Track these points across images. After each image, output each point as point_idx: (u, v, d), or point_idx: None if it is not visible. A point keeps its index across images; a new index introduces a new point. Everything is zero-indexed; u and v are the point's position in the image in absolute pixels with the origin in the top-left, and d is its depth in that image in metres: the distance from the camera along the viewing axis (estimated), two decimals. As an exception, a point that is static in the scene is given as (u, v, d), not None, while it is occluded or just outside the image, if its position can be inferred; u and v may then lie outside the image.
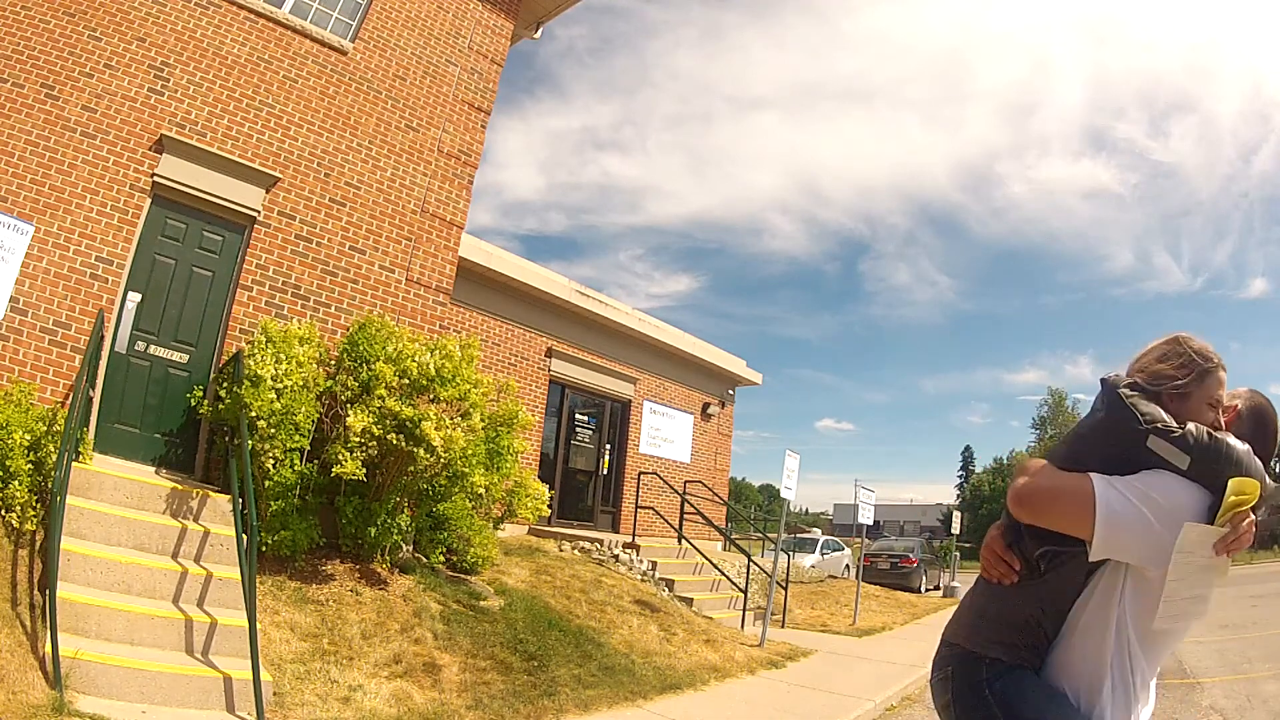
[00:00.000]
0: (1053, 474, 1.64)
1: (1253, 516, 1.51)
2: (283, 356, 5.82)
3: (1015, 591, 1.70)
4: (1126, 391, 1.66)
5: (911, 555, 19.88)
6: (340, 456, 5.66)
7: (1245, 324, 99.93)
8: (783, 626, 10.32)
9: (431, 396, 6.23)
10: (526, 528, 10.53)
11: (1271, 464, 1.72)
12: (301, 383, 5.85)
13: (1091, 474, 1.57)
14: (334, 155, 7.30)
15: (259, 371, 5.65)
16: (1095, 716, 1.58)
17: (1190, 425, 1.59)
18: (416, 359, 6.12)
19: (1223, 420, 1.71)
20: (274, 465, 5.70)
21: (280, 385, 5.67)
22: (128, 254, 6.12)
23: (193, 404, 6.27)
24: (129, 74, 6.30)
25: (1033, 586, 1.67)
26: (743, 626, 9.41)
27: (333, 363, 6.53)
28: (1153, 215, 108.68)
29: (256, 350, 5.87)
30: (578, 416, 12.92)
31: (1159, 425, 1.58)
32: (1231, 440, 1.60)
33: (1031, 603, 1.67)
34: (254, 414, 5.51)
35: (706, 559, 10.76)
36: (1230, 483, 1.50)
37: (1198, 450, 1.55)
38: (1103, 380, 1.73)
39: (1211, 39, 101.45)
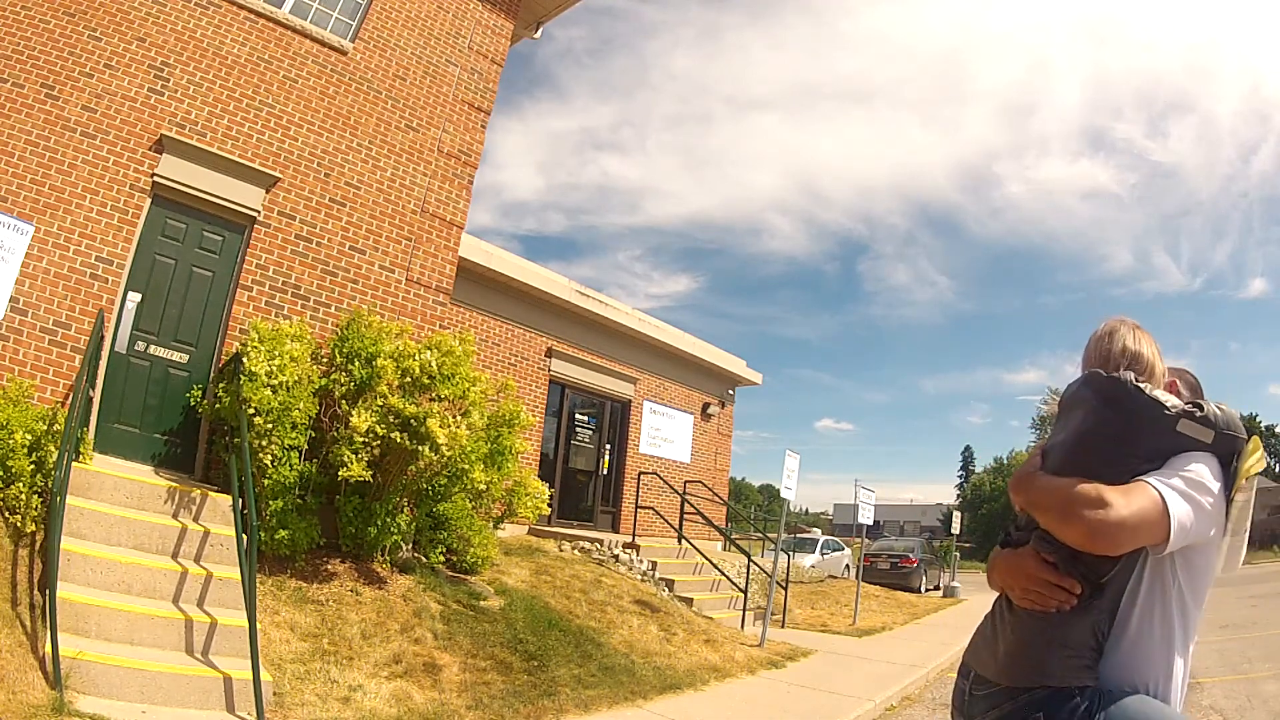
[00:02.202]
0: (1122, 498, 1.50)
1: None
2: (276, 353, 5.82)
3: (1073, 611, 1.58)
4: (1138, 383, 1.64)
5: (911, 555, 19.89)
6: (345, 458, 5.65)
7: (1245, 324, 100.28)
8: (783, 626, 10.31)
9: (433, 395, 6.22)
10: (526, 528, 10.53)
11: (1272, 466, 1.74)
12: (296, 379, 5.85)
13: (1148, 481, 1.53)
14: (334, 155, 7.30)
15: (253, 368, 5.65)
16: (1171, 697, 1.55)
17: (1202, 403, 1.63)
18: (418, 357, 6.11)
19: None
20: (272, 463, 5.69)
21: (275, 381, 5.67)
22: (128, 254, 6.12)
23: (192, 404, 6.28)
24: (129, 74, 6.30)
25: (1092, 600, 1.58)
26: (743, 626, 9.40)
27: (325, 360, 6.53)
28: (1152, 215, 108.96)
29: (250, 348, 5.88)
30: (578, 416, 12.92)
31: (1183, 408, 1.60)
32: (1229, 408, 1.66)
33: (1093, 616, 1.58)
34: (252, 410, 5.51)
35: (706, 559, 10.76)
36: (1250, 443, 1.60)
37: (1219, 424, 1.60)
38: (1110, 377, 1.67)
39: (1211, 39, 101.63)
